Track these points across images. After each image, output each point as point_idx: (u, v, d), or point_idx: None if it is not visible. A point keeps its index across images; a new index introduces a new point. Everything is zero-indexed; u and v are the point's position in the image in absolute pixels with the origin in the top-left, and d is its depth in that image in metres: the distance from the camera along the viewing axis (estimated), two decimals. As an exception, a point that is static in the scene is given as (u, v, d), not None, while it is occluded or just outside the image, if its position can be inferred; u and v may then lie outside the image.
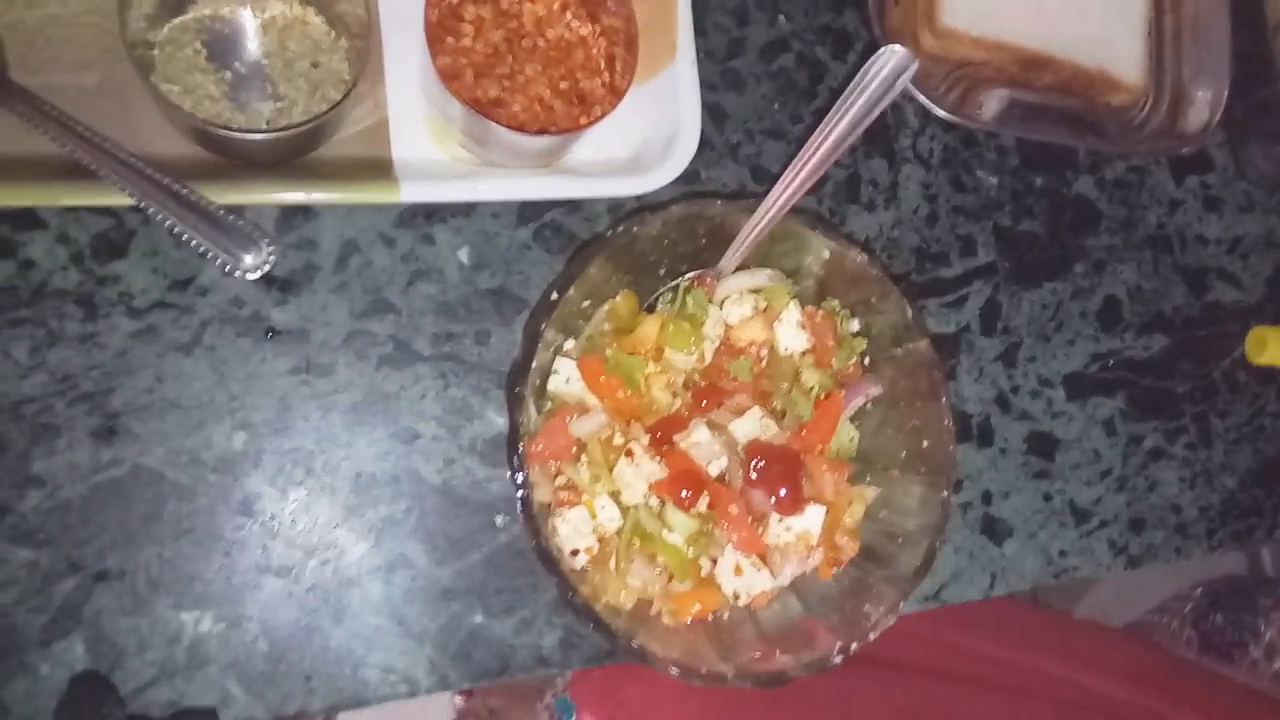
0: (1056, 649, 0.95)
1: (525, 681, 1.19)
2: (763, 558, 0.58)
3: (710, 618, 0.58)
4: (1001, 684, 0.90)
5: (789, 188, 0.55)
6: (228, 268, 0.54)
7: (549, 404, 0.58)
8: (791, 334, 0.60)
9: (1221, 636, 1.21)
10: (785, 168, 0.57)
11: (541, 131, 0.59)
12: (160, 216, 0.53)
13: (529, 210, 0.64)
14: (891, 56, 0.51)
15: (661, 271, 0.61)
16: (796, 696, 0.71)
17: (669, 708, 0.87)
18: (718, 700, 0.85)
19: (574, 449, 0.57)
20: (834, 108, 0.53)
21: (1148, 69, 0.79)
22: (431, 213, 0.62)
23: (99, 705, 0.54)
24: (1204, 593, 1.30)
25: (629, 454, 0.56)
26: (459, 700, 1.28)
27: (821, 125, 0.54)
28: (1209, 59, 0.79)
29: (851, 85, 0.53)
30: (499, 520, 0.61)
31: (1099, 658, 0.95)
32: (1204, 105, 0.78)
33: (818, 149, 0.54)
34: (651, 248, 0.58)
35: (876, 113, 0.53)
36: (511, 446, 0.52)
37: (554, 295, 0.54)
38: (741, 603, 0.58)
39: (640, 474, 0.56)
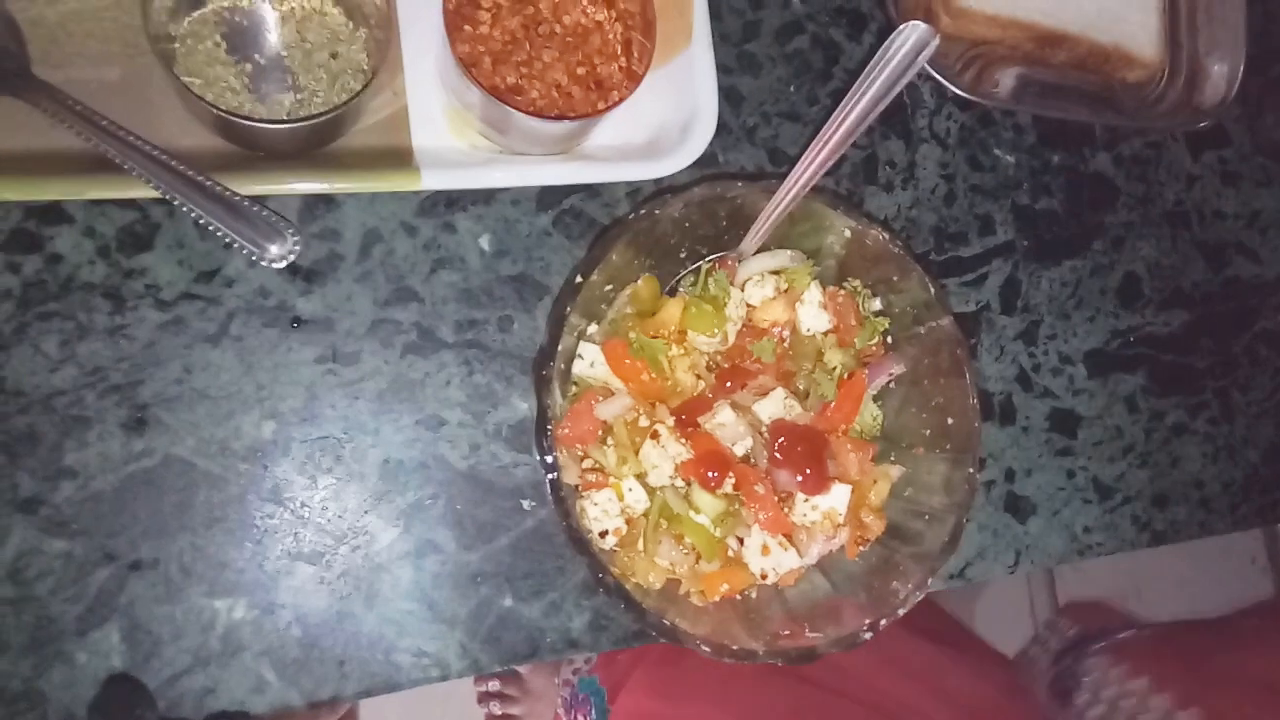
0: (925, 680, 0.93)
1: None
2: (789, 537, 0.58)
3: (738, 597, 0.59)
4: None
5: (811, 165, 0.55)
6: (254, 257, 0.55)
7: (573, 388, 0.59)
8: (813, 314, 0.60)
9: (1067, 680, 1.19)
10: (803, 149, 0.57)
11: (560, 117, 0.59)
12: (186, 208, 0.54)
13: (548, 196, 0.64)
14: (913, 32, 0.51)
15: (682, 255, 0.61)
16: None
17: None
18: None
19: (600, 432, 0.57)
20: (856, 84, 0.53)
21: (1163, 44, 0.78)
22: (452, 201, 0.62)
23: (132, 708, 0.54)
24: (1076, 631, 1.30)
25: (655, 436, 0.56)
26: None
27: (843, 102, 0.54)
28: (1224, 34, 0.78)
29: (873, 61, 0.53)
30: (525, 505, 0.61)
31: (953, 689, 0.93)
32: (1220, 80, 0.78)
33: (840, 125, 0.54)
34: (672, 230, 0.59)
35: (899, 88, 0.53)
36: (540, 430, 0.53)
37: (578, 279, 0.55)
38: (769, 582, 0.58)
39: (666, 455, 0.56)
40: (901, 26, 0.52)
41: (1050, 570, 1.62)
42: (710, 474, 0.57)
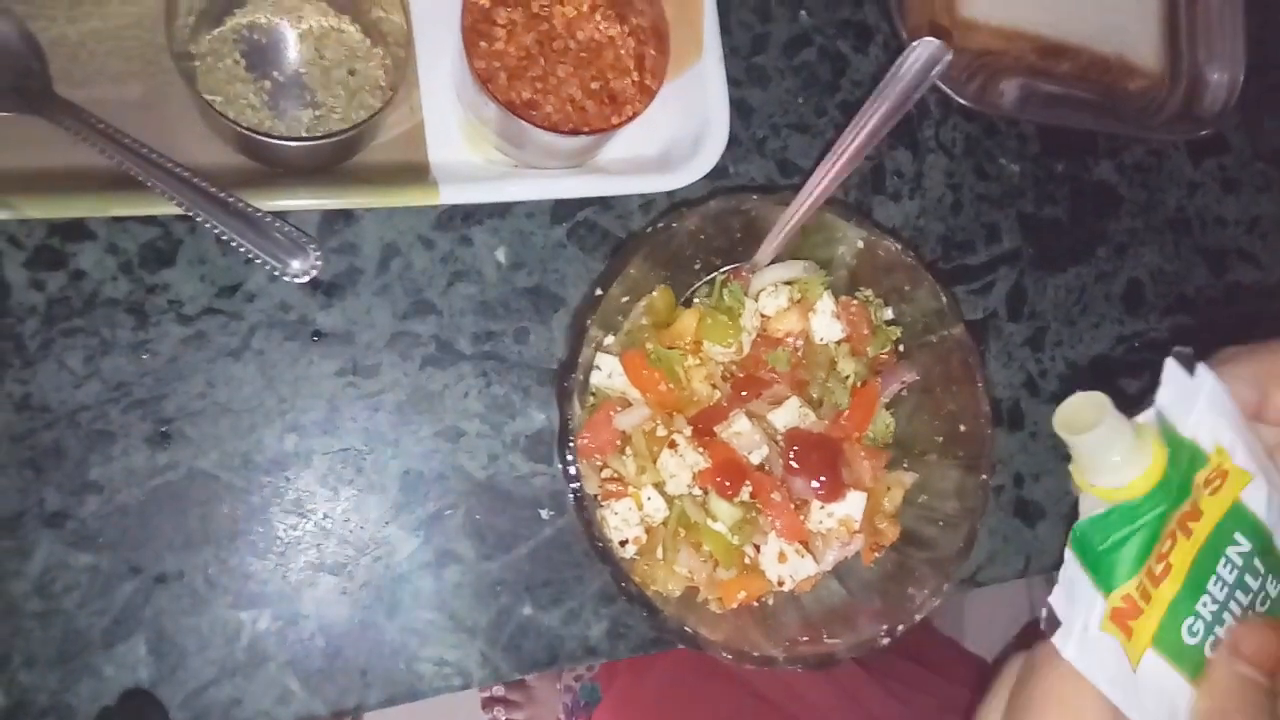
0: None
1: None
2: (805, 544, 0.59)
3: (755, 604, 0.59)
4: None
5: (824, 180, 0.56)
6: (275, 272, 0.55)
7: (591, 399, 0.59)
8: (827, 324, 0.61)
9: None
10: (814, 160, 0.58)
11: (574, 132, 0.60)
12: (207, 224, 0.54)
13: (563, 209, 0.65)
14: (926, 49, 0.52)
15: (697, 266, 0.62)
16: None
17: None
18: None
19: (618, 442, 0.58)
20: (869, 100, 0.54)
21: (1164, 54, 0.80)
22: (468, 214, 0.63)
23: None
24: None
25: (672, 445, 0.57)
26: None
27: (856, 117, 0.55)
28: (1223, 43, 0.80)
29: (886, 78, 0.54)
30: (544, 514, 0.62)
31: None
32: (1220, 89, 0.80)
33: (853, 141, 0.55)
34: (688, 243, 0.59)
35: (910, 104, 0.54)
36: (562, 442, 0.53)
37: (597, 292, 0.55)
38: (786, 589, 0.59)
39: (684, 465, 0.57)
40: (914, 44, 0.53)
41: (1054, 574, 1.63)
42: (727, 482, 0.57)
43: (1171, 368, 0.36)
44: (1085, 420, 0.34)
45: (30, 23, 0.56)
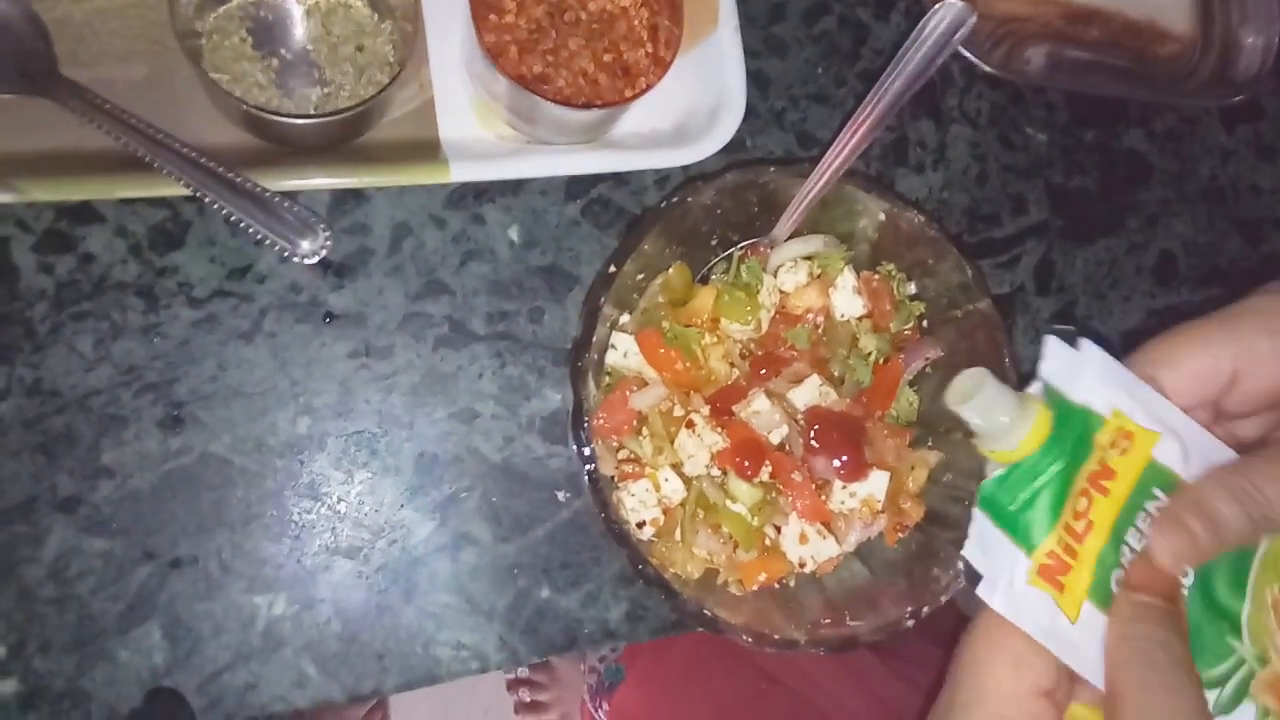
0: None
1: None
2: (827, 525, 0.58)
3: (776, 586, 0.58)
4: None
5: (845, 149, 0.54)
6: (285, 253, 0.55)
7: (607, 379, 0.58)
8: (847, 300, 0.59)
9: None
10: (833, 132, 0.56)
11: (587, 105, 0.58)
12: (216, 205, 0.54)
13: (576, 186, 0.63)
14: (949, 11, 0.50)
15: (713, 242, 0.61)
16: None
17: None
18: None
19: (635, 422, 0.57)
20: (890, 65, 0.53)
21: (1196, 17, 0.77)
22: (480, 192, 0.62)
23: None
24: None
25: (690, 425, 0.56)
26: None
27: (877, 84, 0.53)
28: (1258, 5, 0.77)
29: (908, 42, 0.52)
30: (560, 496, 0.61)
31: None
32: (1254, 53, 0.77)
33: (874, 109, 0.53)
34: (704, 218, 0.58)
35: (933, 69, 0.52)
36: (577, 422, 0.52)
37: (611, 269, 0.54)
38: (808, 570, 0.58)
39: (702, 445, 0.56)
40: (936, 6, 0.51)
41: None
42: (746, 463, 0.56)
43: (1052, 344, 0.38)
44: (972, 393, 0.36)
45: (35, 3, 0.55)
